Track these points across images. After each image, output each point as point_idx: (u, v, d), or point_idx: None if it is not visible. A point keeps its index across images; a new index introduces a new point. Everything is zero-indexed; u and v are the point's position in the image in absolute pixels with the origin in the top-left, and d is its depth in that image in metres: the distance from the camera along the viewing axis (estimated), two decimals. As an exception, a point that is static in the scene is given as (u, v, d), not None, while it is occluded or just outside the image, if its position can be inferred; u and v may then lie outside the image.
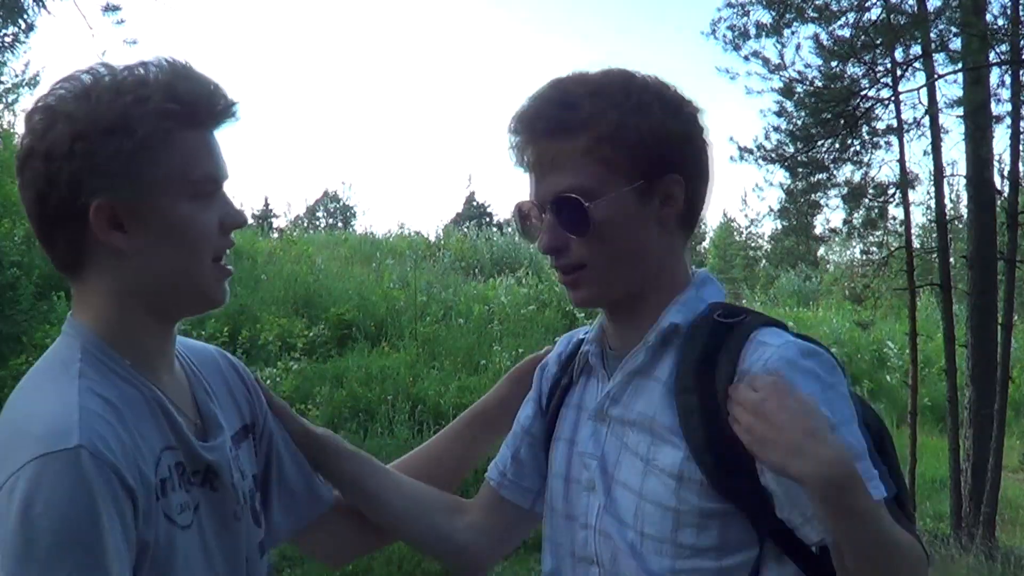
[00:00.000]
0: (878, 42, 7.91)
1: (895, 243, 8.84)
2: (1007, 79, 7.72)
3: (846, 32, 8.26)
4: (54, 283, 7.86)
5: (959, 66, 7.59)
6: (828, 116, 8.28)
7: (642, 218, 1.19)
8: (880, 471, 1.09)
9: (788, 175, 9.03)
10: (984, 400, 7.38)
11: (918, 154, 7.76)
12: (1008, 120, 7.75)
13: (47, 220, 1.08)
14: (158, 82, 1.07)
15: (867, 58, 8.18)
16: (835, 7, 8.16)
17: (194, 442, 1.12)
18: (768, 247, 35.46)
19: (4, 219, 8.54)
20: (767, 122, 8.69)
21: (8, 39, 8.94)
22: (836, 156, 8.69)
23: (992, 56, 7.59)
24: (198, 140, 1.10)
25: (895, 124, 8.14)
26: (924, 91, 7.97)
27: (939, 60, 7.95)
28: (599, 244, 1.19)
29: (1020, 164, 7.70)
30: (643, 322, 1.23)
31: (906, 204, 8.20)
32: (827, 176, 8.94)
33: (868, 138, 8.58)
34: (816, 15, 8.12)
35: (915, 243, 8.67)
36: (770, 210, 13.37)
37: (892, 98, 8.05)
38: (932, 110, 7.85)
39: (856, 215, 9.13)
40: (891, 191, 8.68)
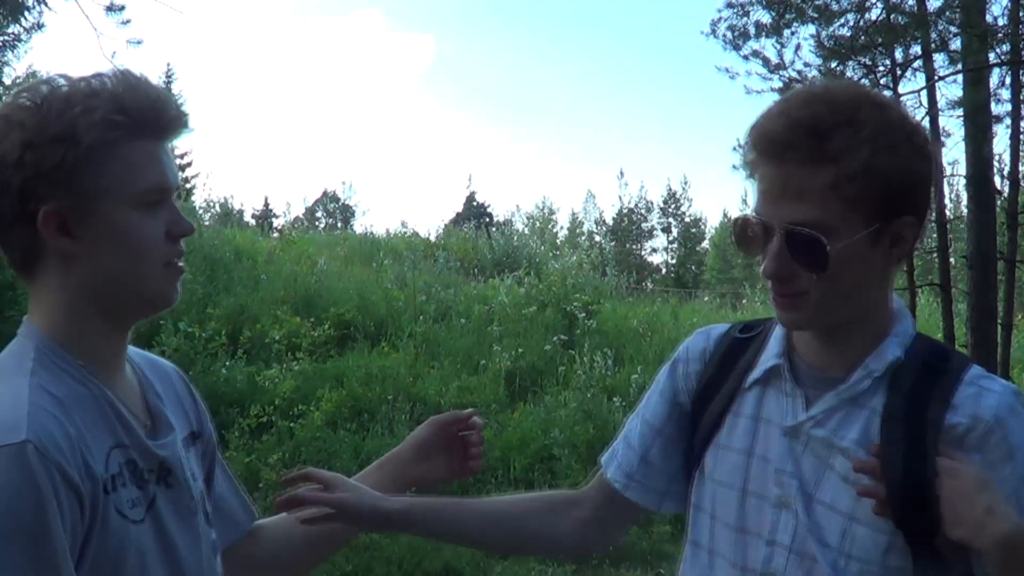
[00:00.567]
0: (878, 42, 7.92)
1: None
2: (1007, 79, 7.73)
3: (846, 32, 8.27)
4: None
5: (959, 66, 7.59)
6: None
7: (871, 257, 1.19)
8: None
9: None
10: (984, 400, 7.37)
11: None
12: (1008, 120, 7.76)
13: (2, 225, 1.13)
14: (108, 94, 1.12)
15: (867, 59, 8.18)
16: (835, 7, 8.16)
17: (145, 440, 1.16)
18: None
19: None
20: (767, 122, 8.66)
21: (9, 39, 8.93)
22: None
23: (992, 56, 7.59)
24: (145, 150, 1.14)
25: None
26: (924, 92, 7.98)
27: (939, 60, 7.96)
28: (827, 280, 1.18)
29: (1020, 164, 7.70)
30: (851, 348, 1.25)
31: (906, 204, 8.18)
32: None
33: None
34: (816, 15, 8.12)
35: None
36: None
37: (892, 99, 8.05)
38: (932, 111, 7.85)
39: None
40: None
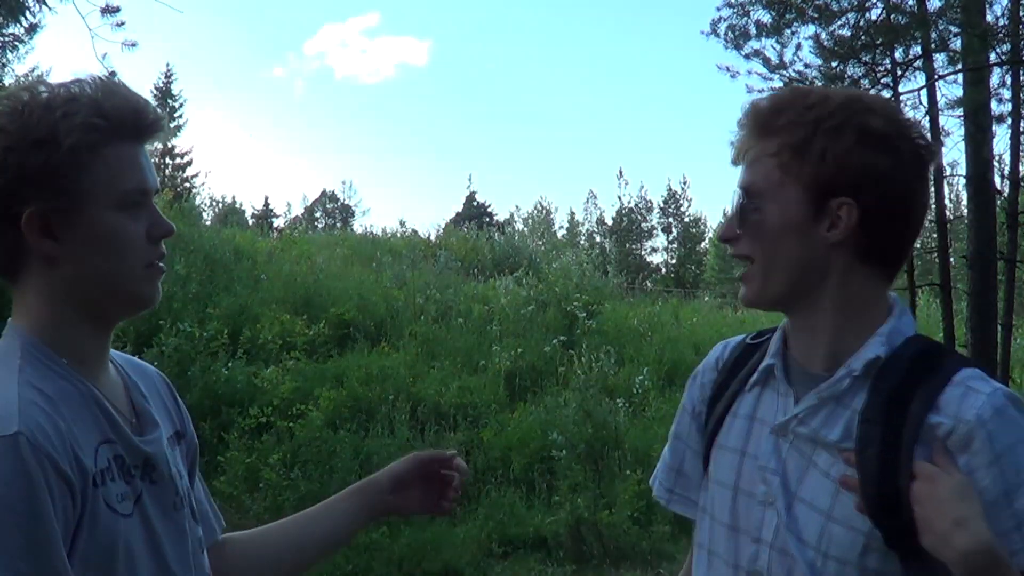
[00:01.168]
0: (878, 42, 7.91)
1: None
2: (1007, 79, 7.73)
3: (846, 32, 8.26)
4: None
5: (959, 66, 7.59)
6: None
7: (806, 231, 1.23)
8: None
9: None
10: (984, 400, 7.37)
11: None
12: (1008, 120, 7.76)
13: None
14: (87, 99, 1.15)
15: (867, 58, 8.17)
16: (835, 7, 8.15)
17: (131, 436, 1.18)
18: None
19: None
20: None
21: (9, 39, 8.92)
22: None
23: (992, 56, 7.59)
24: (125, 153, 1.17)
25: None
26: (924, 91, 7.98)
27: (939, 60, 7.95)
28: (759, 243, 1.25)
29: (1020, 164, 7.70)
30: (818, 337, 1.27)
31: (906, 204, 8.18)
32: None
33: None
34: (816, 15, 8.11)
35: (915, 243, 8.66)
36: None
37: (892, 99, 8.05)
38: (932, 110, 7.85)
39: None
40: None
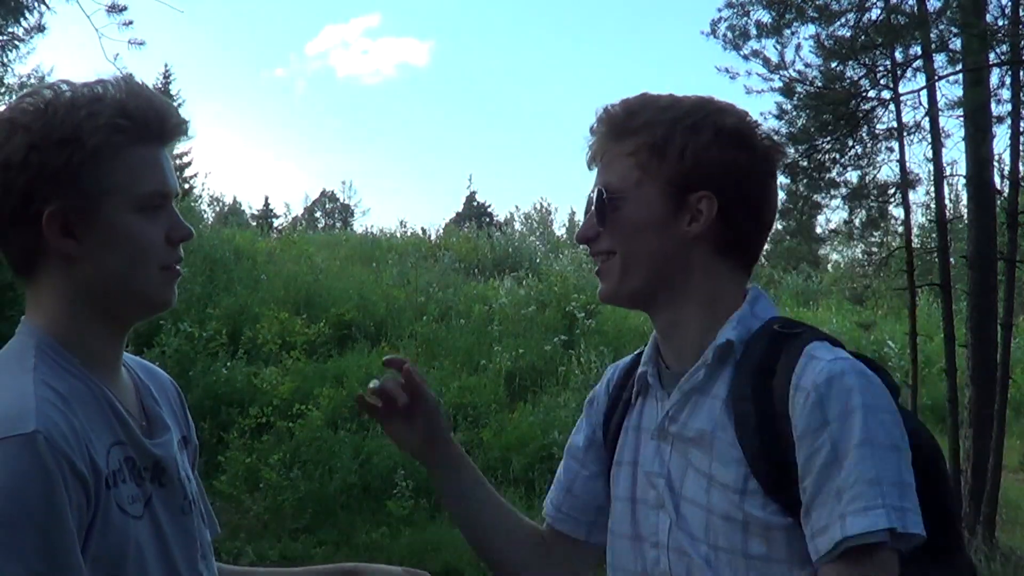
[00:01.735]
0: (878, 42, 7.91)
1: (895, 243, 8.84)
2: (1007, 79, 7.73)
3: (846, 32, 8.26)
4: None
5: (959, 66, 7.59)
6: (828, 117, 8.28)
7: (667, 226, 1.26)
8: (909, 505, 1.06)
9: (789, 178, 9.02)
10: (984, 400, 7.37)
11: (918, 155, 7.73)
12: (1008, 120, 7.76)
13: (2, 225, 1.14)
14: (112, 99, 1.14)
15: (867, 59, 8.17)
16: (835, 7, 8.15)
17: (142, 439, 1.18)
18: (769, 247, 35.48)
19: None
20: (767, 125, 8.63)
21: (8, 39, 8.91)
22: (836, 159, 8.68)
23: (992, 56, 7.59)
24: (147, 155, 1.17)
25: (895, 125, 8.14)
26: (924, 92, 7.98)
27: (939, 60, 7.95)
28: (620, 239, 1.27)
29: (1020, 164, 7.70)
30: (687, 337, 1.28)
31: (906, 204, 8.19)
32: (828, 178, 8.92)
33: (869, 140, 8.57)
34: (816, 15, 8.11)
35: (915, 243, 8.67)
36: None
37: (892, 99, 8.05)
38: (932, 111, 7.85)
39: (857, 216, 9.13)
40: (891, 191, 8.67)
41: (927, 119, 7.91)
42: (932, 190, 8.06)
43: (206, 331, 8.80)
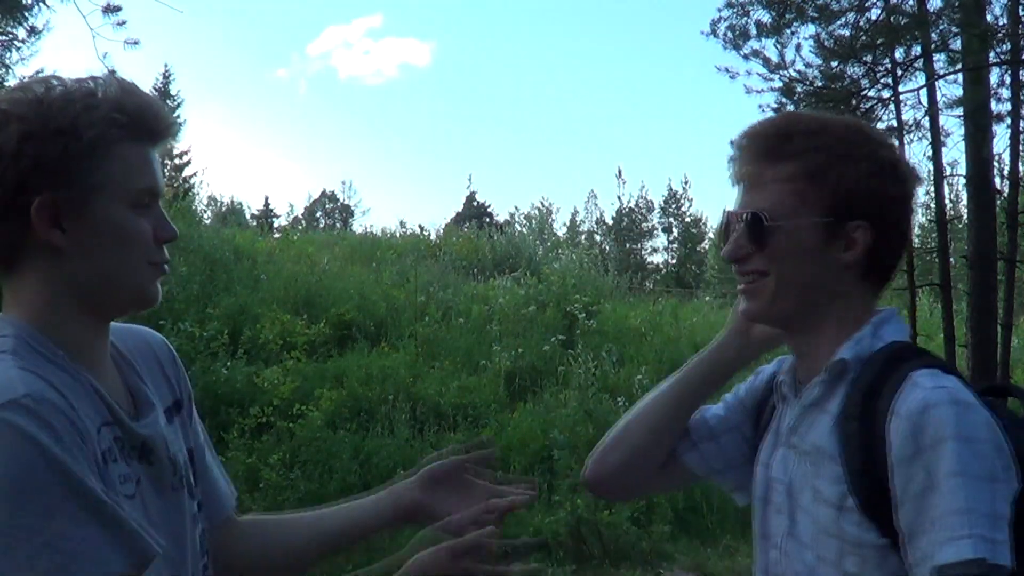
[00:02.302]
0: (878, 42, 7.91)
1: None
2: (1007, 78, 7.73)
3: (846, 32, 8.26)
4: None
5: (959, 66, 7.59)
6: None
7: (821, 254, 1.29)
8: (1000, 536, 1.07)
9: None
10: (984, 400, 7.36)
11: (918, 154, 7.73)
12: (1008, 120, 7.76)
13: None
14: (107, 95, 1.15)
15: (867, 58, 8.17)
16: (835, 7, 8.15)
17: (128, 421, 1.18)
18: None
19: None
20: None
21: (8, 39, 8.91)
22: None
23: (992, 56, 7.59)
24: (139, 153, 1.17)
25: (895, 124, 8.14)
26: (924, 91, 7.98)
27: (939, 60, 7.95)
28: (775, 262, 1.30)
29: (1020, 164, 7.70)
30: (819, 357, 1.32)
31: (906, 204, 8.17)
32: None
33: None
34: (816, 15, 8.11)
35: (915, 243, 8.67)
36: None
37: (892, 98, 8.05)
38: (932, 110, 7.85)
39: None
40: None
41: (927, 118, 7.92)
42: (932, 190, 8.05)
43: (206, 331, 8.78)
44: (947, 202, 9.27)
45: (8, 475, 0.96)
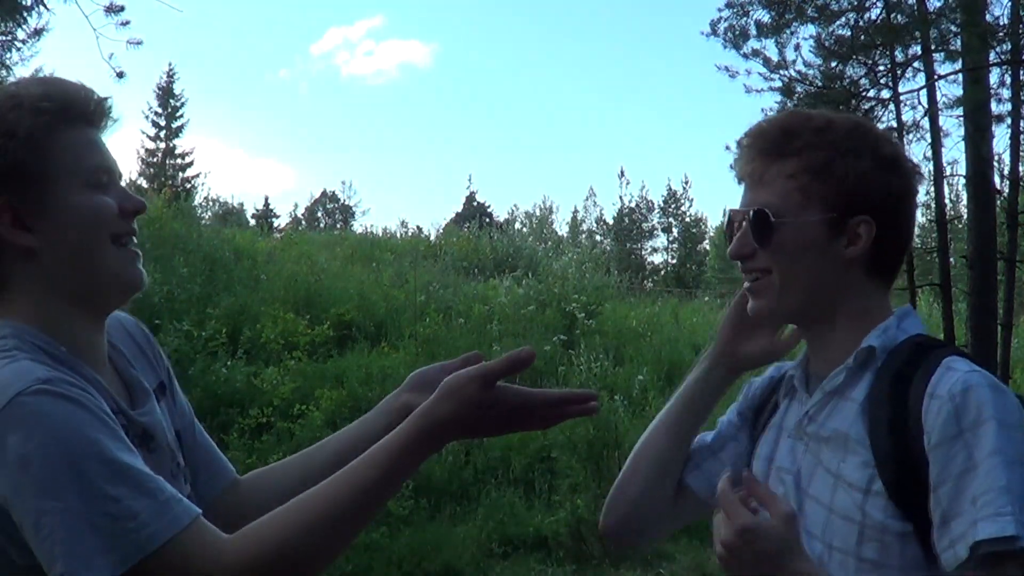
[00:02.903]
0: (878, 42, 7.91)
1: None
2: (1007, 79, 7.73)
3: (846, 32, 8.26)
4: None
5: (959, 66, 7.59)
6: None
7: (824, 250, 1.30)
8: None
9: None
10: (984, 400, 7.36)
11: (918, 154, 7.72)
12: (1008, 120, 7.75)
13: None
14: (28, 91, 1.17)
15: (867, 58, 8.17)
16: (835, 7, 8.15)
17: (129, 411, 1.20)
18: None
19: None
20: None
21: (7, 39, 8.90)
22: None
23: (992, 56, 7.59)
24: (80, 136, 1.19)
25: (895, 125, 8.14)
26: (924, 91, 7.97)
27: (939, 60, 7.94)
28: (779, 259, 1.30)
29: (1020, 164, 7.70)
30: (835, 348, 1.33)
31: (906, 204, 8.17)
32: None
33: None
34: (816, 15, 8.11)
35: (915, 243, 8.66)
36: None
37: (892, 98, 8.05)
38: (932, 110, 7.84)
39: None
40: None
41: (927, 118, 7.91)
42: (932, 190, 8.04)
43: (206, 331, 8.78)
44: (947, 202, 9.28)
45: (46, 455, 0.98)
